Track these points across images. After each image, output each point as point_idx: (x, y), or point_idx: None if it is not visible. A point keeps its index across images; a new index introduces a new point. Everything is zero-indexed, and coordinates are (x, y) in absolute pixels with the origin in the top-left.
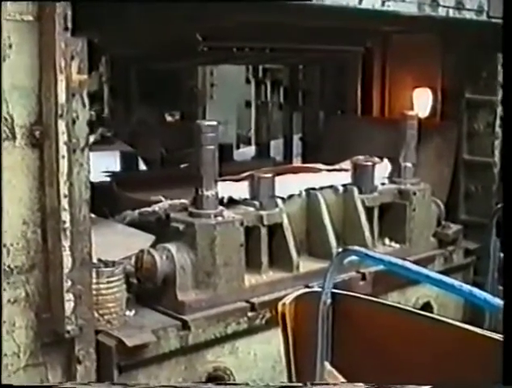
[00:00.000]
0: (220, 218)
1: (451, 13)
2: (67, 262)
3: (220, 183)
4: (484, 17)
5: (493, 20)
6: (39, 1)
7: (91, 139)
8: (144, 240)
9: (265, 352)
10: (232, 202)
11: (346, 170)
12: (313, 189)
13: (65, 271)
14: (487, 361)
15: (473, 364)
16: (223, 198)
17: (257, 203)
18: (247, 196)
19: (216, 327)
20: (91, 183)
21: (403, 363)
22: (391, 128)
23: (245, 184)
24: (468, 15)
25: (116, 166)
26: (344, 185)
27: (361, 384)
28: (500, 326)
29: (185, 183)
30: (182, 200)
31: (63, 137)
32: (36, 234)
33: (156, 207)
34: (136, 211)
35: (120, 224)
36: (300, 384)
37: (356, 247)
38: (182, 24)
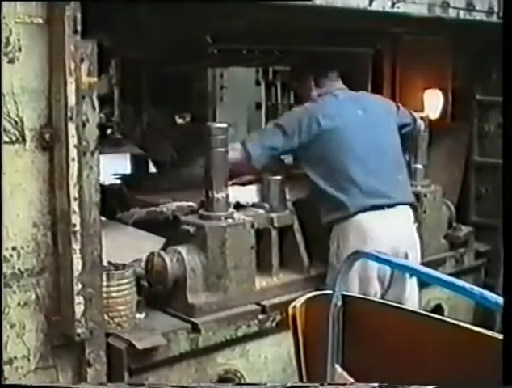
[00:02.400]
0: (230, 220)
1: (462, 14)
2: (77, 265)
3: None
4: (494, 18)
5: None
6: (47, 1)
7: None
8: (155, 242)
9: (275, 354)
10: (240, 206)
11: None
12: None
13: (76, 274)
14: (498, 363)
15: (484, 366)
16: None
17: (267, 205)
18: (255, 200)
19: (226, 330)
20: (101, 185)
21: (413, 365)
22: None
23: (253, 188)
24: (479, 17)
25: (127, 169)
26: None
27: (375, 384)
28: None
29: (195, 185)
30: (190, 203)
31: (73, 140)
32: (46, 237)
33: (163, 207)
34: (144, 209)
35: (130, 226)
36: (316, 384)
37: (367, 249)
38: (192, 26)
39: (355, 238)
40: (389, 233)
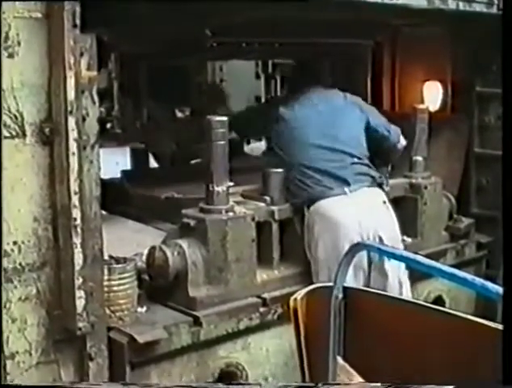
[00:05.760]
0: (231, 214)
1: (461, 6)
2: (78, 259)
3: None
4: (494, 10)
5: None
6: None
7: None
8: (155, 236)
9: (277, 347)
10: None
11: None
12: None
13: (77, 268)
14: (499, 355)
15: (485, 357)
16: None
17: (268, 198)
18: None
19: (227, 323)
20: (102, 179)
21: (415, 357)
22: (401, 121)
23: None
24: (478, 8)
25: (127, 163)
26: None
27: (378, 384)
28: None
29: (196, 179)
30: None
31: (73, 134)
32: (47, 232)
33: None
34: None
35: (131, 220)
36: (312, 384)
37: (368, 242)
38: (191, 20)
39: (319, 226)
40: (352, 217)
